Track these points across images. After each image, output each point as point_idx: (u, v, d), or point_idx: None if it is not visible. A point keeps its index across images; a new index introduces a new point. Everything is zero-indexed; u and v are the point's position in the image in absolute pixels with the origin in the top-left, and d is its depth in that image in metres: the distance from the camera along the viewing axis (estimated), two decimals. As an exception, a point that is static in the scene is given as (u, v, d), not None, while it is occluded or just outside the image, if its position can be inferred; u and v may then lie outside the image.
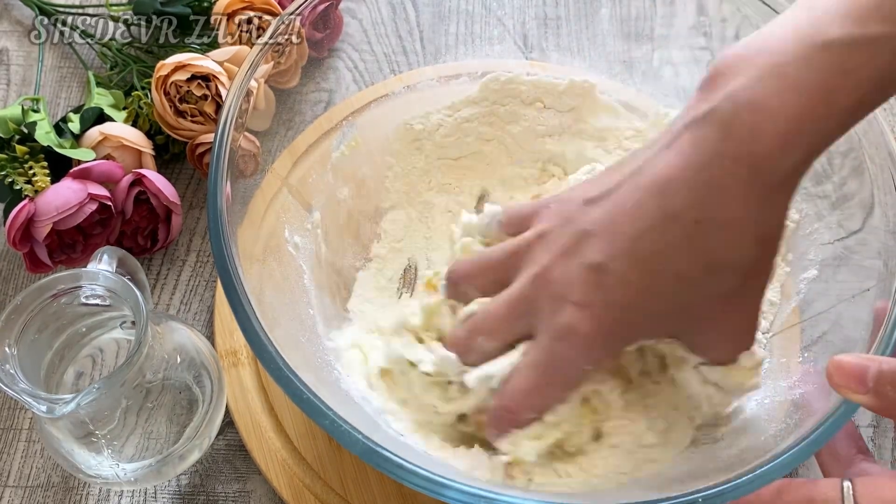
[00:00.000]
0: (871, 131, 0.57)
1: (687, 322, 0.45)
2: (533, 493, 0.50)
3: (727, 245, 0.42)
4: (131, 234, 0.65)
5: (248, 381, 0.60)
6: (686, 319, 0.45)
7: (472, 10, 0.72)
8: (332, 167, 0.65)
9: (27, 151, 0.64)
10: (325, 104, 0.67)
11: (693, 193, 0.42)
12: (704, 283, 0.43)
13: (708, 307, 0.44)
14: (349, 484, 0.57)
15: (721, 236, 0.42)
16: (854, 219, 0.58)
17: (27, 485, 0.59)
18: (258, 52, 0.57)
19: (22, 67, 0.77)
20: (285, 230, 0.60)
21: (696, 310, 0.44)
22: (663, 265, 0.43)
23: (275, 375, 0.46)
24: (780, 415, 0.51)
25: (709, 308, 0.44)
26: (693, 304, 0.44)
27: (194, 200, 0.70)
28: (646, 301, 0.44)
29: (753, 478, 0.44)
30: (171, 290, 0.66)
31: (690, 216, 0.42)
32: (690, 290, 0.43)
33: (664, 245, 0.43)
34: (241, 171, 0.57)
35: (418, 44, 0.70)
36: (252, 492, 0.59)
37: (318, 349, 0.57)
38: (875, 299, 0.52)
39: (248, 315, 0.48)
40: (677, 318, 0.45)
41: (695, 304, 0.44)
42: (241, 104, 0.55)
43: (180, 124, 0.66)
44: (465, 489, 0.43)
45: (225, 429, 0.61)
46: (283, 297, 0.57)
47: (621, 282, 0.44)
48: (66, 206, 0.60)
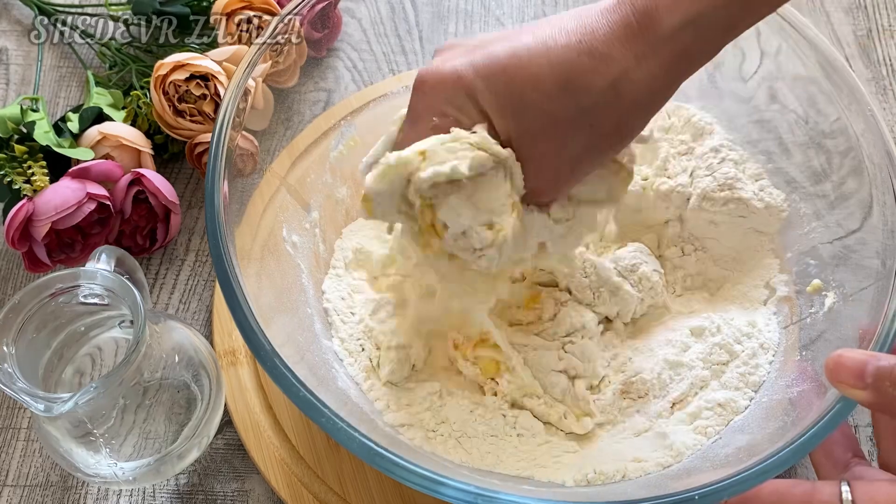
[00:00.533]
0: (870, 131, 0.57)
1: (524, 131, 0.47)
2: (531, 491, 0.51)
3: (589, 72, 0.45)
4: (130, 233, 0.65)
5: (246, 380, 0.60)
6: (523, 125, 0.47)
7: (472, 9, 0.72)
8: (330, 167, 0.65)
9: (26, 151, 0.64)
10: (323, 104, 0.67)
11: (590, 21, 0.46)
12: (550, 96, 0.46)
13: (544, 125, 0.47)
14: (347, 483, 0.57)
15: (588, 62, 0.45)
16: (853, 218, 0.58)
17: (26, 483, 0.59)
18: (256, 52, 0.57)
19: (21, 67, 0.77)
20: (283, 229, 0.60)
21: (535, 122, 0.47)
22: (529, 61, 0.46)
23: (272, 373, 0.46)
24: (778, 413, 0.52)
25: (544, 127, 0.47)
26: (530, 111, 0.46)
27: (193, 200, 0.70)
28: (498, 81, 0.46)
29: (749, 475, 0.44)
30: (169, 289, 0.66)
31: (577, 34, 0.45)
32: (536, 95, 0.46)
33: (542, 45, 0.46)
34: (240, 170, 0.57)
35: (417, 43, 0.70)
36: (250, 491, 0.59)
37: (316, 347, 0.57)
38: (873, 298, 0.52)
39: (246, 314, 0.48)
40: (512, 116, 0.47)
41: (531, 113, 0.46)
42: (238, 104, 0.55)
43: (179, 124, 0.66)
44: (462, 487, 0.43)
45: (223, 428, 0.61)
46: (281, 295, 0.57)
47: (490, 55, 0.46)
48: (64, 205, 0.60)
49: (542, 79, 0.45)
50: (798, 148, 0.62)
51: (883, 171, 0.55)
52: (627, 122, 0.47)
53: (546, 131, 0.46)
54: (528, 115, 0.46)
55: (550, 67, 0.45)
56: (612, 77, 0.45)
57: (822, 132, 0.60)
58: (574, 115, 0.46)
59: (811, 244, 0.60)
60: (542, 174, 0.48)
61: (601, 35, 0.45)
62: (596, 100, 0.45)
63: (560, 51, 0.45)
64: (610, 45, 0.45)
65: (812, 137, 0.61)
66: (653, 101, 0.46)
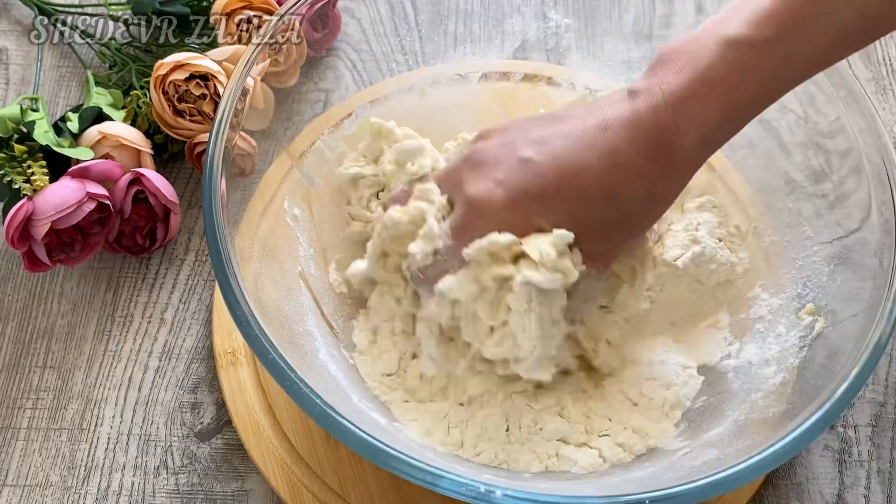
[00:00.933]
0: (869, 131, 0.57)
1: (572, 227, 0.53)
2: (528, 484, 0.51)
3: (625, 185, 0.52)
4: (130, 233, 0.65)
5: (246, 380, 0.60)
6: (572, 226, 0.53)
7: (471, 9, 0.72)
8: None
9: (26, 150, 0.64)
10: (323, 103, 0.67)
11: (617, 139, 0.51)
12: (598, 205, 0.52)
13: (591, 226, 0.53)
14: (347, 482, 0.57)
15: (623, 177, 0.52)
16: (852, 218, 0.58)
17: (25, 483, 0.59)
18: (254, 52, 0.57)
19: (21, 67, 0.77)
20: (284, 229, 0.60)
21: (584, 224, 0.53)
22: (575, 178, 0.52)
23: (271, 370, 0.46)
24: (751, 431, 0.52)
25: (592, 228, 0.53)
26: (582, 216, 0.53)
27: (193, 200, 0.70)
28: (551, 198, 0.52)
29: (702, 486, 0.44)
30: (169, 289, 0.66)
31: (609, 152, 0.52)
32: (586, 205, 0.52)
33: (583, 164, 0.52)
34: (242, 169, 0.57)
35: (417, 43, 0.70)
36: (250, 491, 0.59)
37: (316, 347, 0.57)
38: (870, 298, 0.52)
39: (245, 311, 0.48)
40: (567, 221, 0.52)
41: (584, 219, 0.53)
42: (236, 103, 0.55)
43: (179, 123, 0.66)
44: (459, 480, 0.43)
45: (223, 428, 0.61)
46: (281, 292, 0.57)
47: (538, 176, 0.52)
48: (64, 205, 0.60)
49: (589, 193, 0.52)
50: (798, 148, 0.62)
51: (881, 171, 0.55)
52: (662, 213, 0.55)
53: (596, 232, 0.53)
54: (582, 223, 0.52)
55: (594, 184, 0.52)
56: (644, 188, 0.52)
57: (822, 132, 0.60)
58: (618, 218, 0.53)
59: (811, 244, 0.59)
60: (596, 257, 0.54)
61: (628, 153, 0.51)
62: (636, 206, 0.53)
63: (598, 169, 0.51)
64: (637, 160, 0.51)
65: (811, 137, 0.61)
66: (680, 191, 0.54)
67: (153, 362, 0.63)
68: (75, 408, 0.62)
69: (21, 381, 0.63)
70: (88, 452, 0.60)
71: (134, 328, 0.65)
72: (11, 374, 0.63)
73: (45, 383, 0.63)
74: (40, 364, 0.63)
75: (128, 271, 0.67)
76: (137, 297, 0.66)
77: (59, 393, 0.62)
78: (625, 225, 0.54)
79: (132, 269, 0.67)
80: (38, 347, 0.64)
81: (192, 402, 0.62)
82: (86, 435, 0.61)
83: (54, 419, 0.61)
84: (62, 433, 0.61)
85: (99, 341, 0.64)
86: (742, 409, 0.54)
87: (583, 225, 0.52)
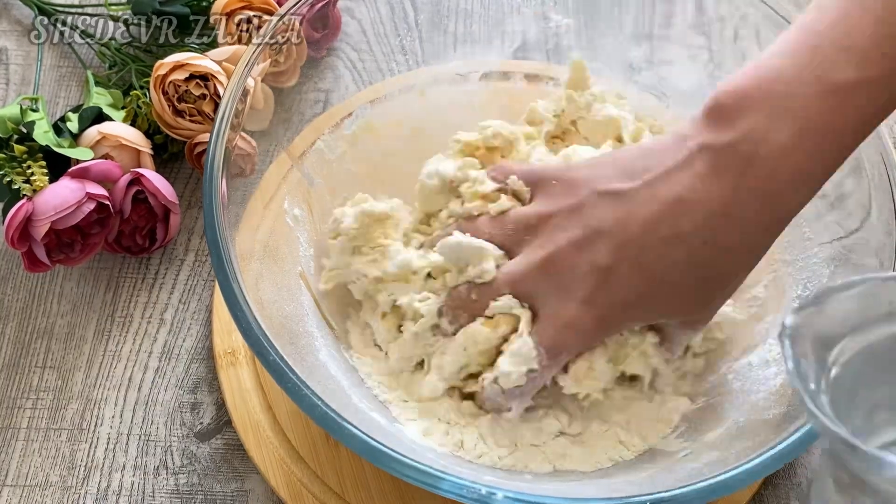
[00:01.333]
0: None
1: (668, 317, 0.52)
2: (529, 486, 0.51)
3: (723, 266, 0.48)
4: (129, 233, 0.65)
5: (246, 380, 0.60)
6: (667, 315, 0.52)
7: (471, 9, 0.72)
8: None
9: (25, 151, 0.64)
10: (323, 104, 0.67)
11: (706, 219, 0.47)
12: (694, 292, 0.50)
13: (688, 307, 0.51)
14: (347, 483, 0.57)
15: (721, 258, 0.48)
16: (852, 218, 0.58)
17: (25, 483, 0.59)
18: (254, 52, 0.57)
19: (21, 67, 0.77)
20: (284, 229, 0.60)
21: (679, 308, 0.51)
22: (664, 276, 0.48)
23: (270, 371, 0.46)
24: (750, 433, 0.52)
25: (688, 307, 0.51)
26: (678, 305, 0.51)
27: (193, 200, 0.70)
28: (643, 302, 0.50)
29: (704, 488, 0.45)
30: (169, 289, 0.66)
31: (699, 238, 0.47)
32: (681, 296, 0.50)
33: (669, 261, 0.48)
34: (242, 169, 0.57)
35: (417, 43, 0.70)
36: (250, 491, 0.59)
37: (316, 348, 0.57)
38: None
39: (245, 311, 0.48)
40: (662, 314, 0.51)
41: (679, 306, 0.51)
42: (237, 103, 0.55)
43: (179, 124, 0.66)
44: (460, 482, 0.43)
45: (223, 428, 0.61)
46: (281, 293, 0.57)
47: (625, 286, 0.49)
48: (64, 205, 0.60)
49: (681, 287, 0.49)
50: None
51: (881, 171, 0.55)
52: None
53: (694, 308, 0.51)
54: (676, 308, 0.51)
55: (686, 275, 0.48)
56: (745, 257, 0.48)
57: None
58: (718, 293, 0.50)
59: (812, 245, 0.59)
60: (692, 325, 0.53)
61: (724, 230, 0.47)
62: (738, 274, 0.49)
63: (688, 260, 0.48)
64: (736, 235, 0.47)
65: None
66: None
67: (153, 362, 0.63)
68: (75, 408, 0.62)
69: (21, 381, 0.63)
70: (88, 452, 0.60)
71: (134, 328, 0.65)
72: (11, 374, 0.63)
73: (44, 383, 0.62)
74: (40, 364, 0.63)
75: (127, 271, 0.67)
76: (137, 298, 0.66)
77: (59, 393, 0.62)
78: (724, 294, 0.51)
79: (132, 270, 0.67)
80: (38, 347, 0.64)
81: (191, 402, 0.62)
82: (85, 435, 0.61)
83: (54, 419, 0.61)
84: (62, 433, 0.61)
85: (99, 341, 0.64)
86: (742, 410, 0.54)
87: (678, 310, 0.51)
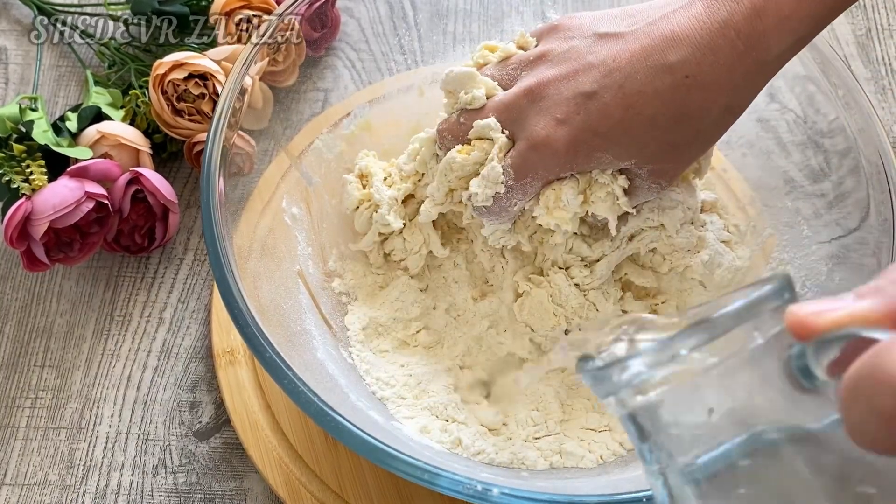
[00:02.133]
0: (867, 130, 0.57)
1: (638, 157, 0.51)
2: (526, 482, 0.51)
3: (701, 103, 0.49)
4: (128, 232, 0.65)
5: (245, 379, 0.60)
6: (638, 155, 0.51)
7: (471, 9, 0.72)
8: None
9: (25, 150, 0.64)
10: (321, 103, 0.67)
11: (693, 52, 0.48)
12: (668, 130, 0.50)
13: (660, 150, 0.51)
14: (345, 481, 0.57)
15: (699, 95, 0.48)
16: (851, 218, 0.58)
17: (24, 482, 0.59)
18: (252, 51, 0.57)
19: (20, 66, 0.77)
20: (282, 228, 0.60)
21: (651, 149, 0.51)
22: (643, 107, 0.49)
23: (268, 369, 0.46)
24: None
25: (660, 151, 0.51)
26: (651, 144, 0.51)
27: (192, 199, 0.70)
28: (616, 133, 0.50)
29: None
30: (168, 288, 0.66)
31: (683, 71, 0.48)
32: (655, 132, 0.50)
33: (651, 89, 0.49)
34: (240, 168, 0.57)
35: (416, 43, 0.70)
36: (249, 490, 0.59)
37: (314, 346, 0.57)
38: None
39: (243, 310, 0.48)
40: (634, 153, 0.51)
41: (652, 145, 0.51)
42: (234, 102, 0.55)
43: (178, 123, 0.66)
44: (457, 478, 0.43)
45: (222, 427, 0.61)
46: (279, 292, 0.57)
47: (603, 111, 0.50)
48: (63, 204, 0.60)
49: (658, 120, 0.49)
50: (796, 147, 0.62)
51: (880, 171, 0.55)
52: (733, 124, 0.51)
53: (666, 154, 0.51)
54: (648, 148, 0.50)
55: (665, 107, 0.49)
56: (724, 104, 0.49)
57: (821, 132, 0.60)
58: (690, 139, 0.51)
59: (811, 244, 0.59)
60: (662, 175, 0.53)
61: (708, 66, 0.47)
62: (710, 123, 0.50)
63: (670, 91, 0.48)
64: (718, 74, 0.48)
65: (810, 137, 0.61)
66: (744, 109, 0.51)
67: (152, 361, 0.63)
68: (74, 407, 0.62)
69: (20, 380, 0.63)
70: (87, 451, 0.60)
71: (133, 327, 0.65)
72: (10, 373, 0.63)
73: (43, 382, 0.63)
74: (39, 363, 0.63)
75: (126, 271, 0.67)
76: (136, 297, 0.66)
77: (58, 392, 0.62)
78: (696, 144, 0.51)
79: (131, 269, 0.67)
80: (37, 346, 0.64)
81: (190, 401, 0.62)
82: (84, 434, 0.61)
83: (53, 418, 0.61)
84: (61, 432, 0.61)
85: (98, 340, 0.64)
86: None
87: (650, 150, 0.50)
